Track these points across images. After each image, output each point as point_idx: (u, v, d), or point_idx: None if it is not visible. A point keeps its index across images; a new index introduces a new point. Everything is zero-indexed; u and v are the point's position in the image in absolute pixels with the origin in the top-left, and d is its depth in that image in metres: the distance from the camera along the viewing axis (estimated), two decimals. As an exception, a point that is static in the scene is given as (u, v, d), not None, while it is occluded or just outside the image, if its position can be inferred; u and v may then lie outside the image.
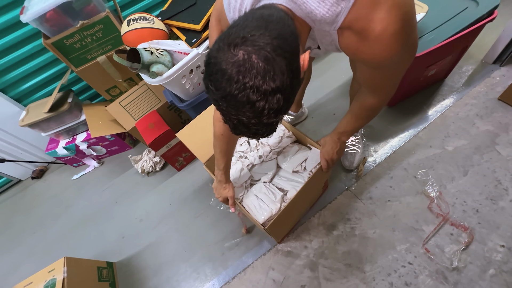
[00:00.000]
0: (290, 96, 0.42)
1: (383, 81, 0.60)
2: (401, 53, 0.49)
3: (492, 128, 1.20)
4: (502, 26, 1.27)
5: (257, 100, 0.38)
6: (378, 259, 1.01)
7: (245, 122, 0.42)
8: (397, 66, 0.55)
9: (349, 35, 0.48)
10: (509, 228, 0.96)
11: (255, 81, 0.37)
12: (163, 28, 1.15)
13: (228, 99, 0.39)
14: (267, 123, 0.42)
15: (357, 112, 0.73)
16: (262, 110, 0.39)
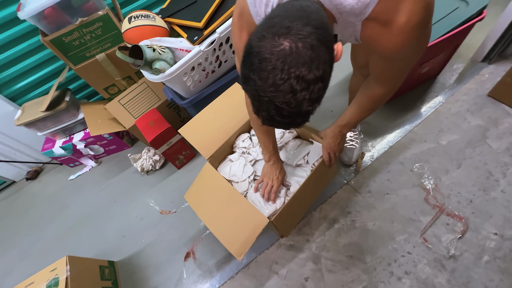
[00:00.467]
0: (327, 84, 0.43)
1: (395, 72, 0.62)
2: (418, 44, 0.51)
3: (482, 123, 1.25)
4: (490, 26, 1.33)
5: (300, 89, 0.39)
6: (379, 250, 1.04)
7: (283, 112, 0.42)
8: (411, 58, 0.57)
9: (373, 26, 0.49)
10: (501, 217, 1.01)
11: (301, 70, 0.38)
12: (164, 25, 1.15)
13: (271, 89, 0.39)
14: (305, 112, 0.43)
15: (364, 103, 0.74)
16: (303, 99, 0.40)
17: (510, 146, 1.16)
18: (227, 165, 1.06)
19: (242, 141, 1.11)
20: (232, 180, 1.01)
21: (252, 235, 0.82)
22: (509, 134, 1.19)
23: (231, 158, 1.08)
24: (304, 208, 1.05)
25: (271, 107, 0.42)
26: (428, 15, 0.47)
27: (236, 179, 0.99)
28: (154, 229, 1.33)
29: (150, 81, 1.48)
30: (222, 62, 1.25)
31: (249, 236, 0.83)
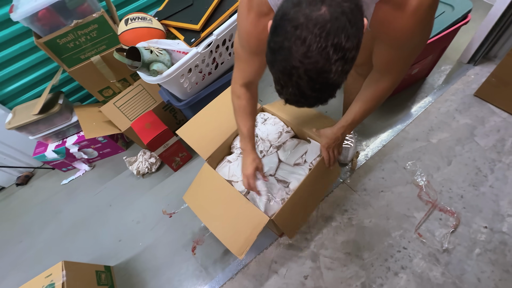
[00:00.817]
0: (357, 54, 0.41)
1: (401, 62, 0.63)
2: (424, 32, 0.53)
3: (470, 122, 1.31)
4: (474, 29, 1.40)
5: (336, 59, 0.37)
6: (375, 246, 1.06)
7: (314, 85, 0.39)
8: (417, 45, 0.58)
9: (387, 9, 0.50)
10: (490, 211, 1.05)
11: (340, 37, 0.36)
12: (160, 27, 1.16)
13: (306, 57, 0.37)
14: (335, 84, 0.41)
15: (369, 99, 0.73)
16: (337, 70, 0.38)
17: (496, 143, 1.21)
18: (225, 166, 1.07)
19: (240, 142, 1.12)
20: (232, 180, 1.02)
21: (253, 233, 0.83)
22: (495, 131, 1.25)
23: (229, 158, 1.09)
24: (307, 209, 1.04)
25: (302, 80, 0.39)
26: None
27: (236, 179, 1.00)
28: (151, 232, 1.31)
29: (145, 83, 1.48)
30: (219, 64, 1.26)
31: (250, 235, 0.84)
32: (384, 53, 0.63)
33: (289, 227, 0.95)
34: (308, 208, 1.04)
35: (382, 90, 0.70)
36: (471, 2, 1.20)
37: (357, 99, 0.78)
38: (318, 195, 1.05)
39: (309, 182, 0.90)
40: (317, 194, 1.05)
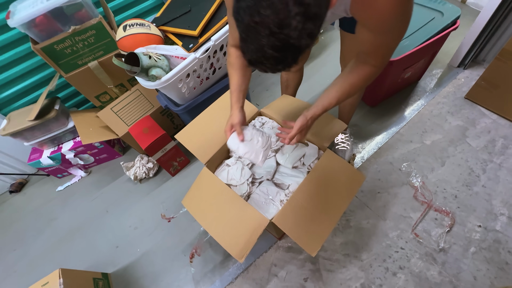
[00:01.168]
0: (321, 24, 0.41)
1: (383, 47, 0.63)
2: (404, 14, 0.54)
3: (462, 123, 1.34)
4: (463, 35, 1.45)
5: (296, 13, 0.38)
6: (373, 247, 1.08)
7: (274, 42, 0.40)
8: (397, 31, 0.59)
9: None
10: (484, 210, 1.08)
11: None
12: (158, 33, 1.17)
13: (266, 9, 0.38)
14: (296, 45, 0.41)
15: (354, 81, 0.70)
16: (297, 27, 0.39)
17: (487, 144, 1.25)
18: (224, 170, 1.07)
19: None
20: (231, 184, 1.02)
21: (253, 236, 0.83)
22: (486, 133, 1.29)
23: (227, 162, 1.09)
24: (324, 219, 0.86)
25: (262, 35, 0.40)
26: None
27: (235, 183, 1.00)
28: (149, 238, 1.30)
29: (143, 88, 1.49)
30: (216, 69, 1.28)
31: (250, 238, 0.84)
32: (366, 37, 0.63)
33: (303, 238, 0.83)
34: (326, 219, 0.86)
35: (368, 74, 0.69)
36: (459, 9, 1.25)
37: (342, 81, 0.73)
38: (334, 205, 0.89)
39: (311, 184, 0.91)
40: (333, 203, 0.90)
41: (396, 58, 1.15)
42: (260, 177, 1.03)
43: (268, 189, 0.97)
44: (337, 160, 0.95)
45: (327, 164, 0.94)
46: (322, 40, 2.03)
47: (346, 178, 0.93)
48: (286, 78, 1.26)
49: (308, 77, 1.76)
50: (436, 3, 1.31)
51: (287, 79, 1.26)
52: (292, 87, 1.29)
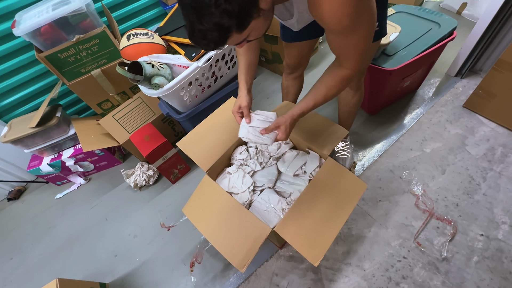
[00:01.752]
0: (241, 6, 0.48)
1: (350, 49, 0.64)
2: (358, 14, 0.54)
3: (461, 132, 1.36)
4: (459, 45, 1.48)
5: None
6: (376, 256, 1.07)
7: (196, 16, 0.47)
8: (358, 32, 0.60)
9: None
10: (485, 218, 1.08)
11: None
12: (161, 43, 1.19)
13: None
14: (216, 23, 0.48)
15: (331, 84, 0.72)
16: (210, 2, 0.45)
17: (487, 152, 1.26)
18: (225, 178, 1.07)
19: (239, 153, 1.13)
20: (232, 192, 1.02)
21: (255, 245, 0.83)
22: (485, 141, 1.30)
23: (229, 170, 1.09)
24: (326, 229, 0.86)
25: (187, 9, 0.48)
26: None
27: (236, 191, 1.00)
28: (148, 247, 1.29)
29: (145, 96, 1.50)
30: (218, 77, 1.30)
31: (251, 247, 0.83)
32: (332, 40, 0.65)
33: (305, 247, 0.82)
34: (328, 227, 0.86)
35: (343, 77, 0.70)
36: (455, 20, 1.28)
37: (319, 83, 0.75)
38: (336, 213, 0.89)
39: (313, 193, 0.91)
40: (335, 211, 0.89)
41: (395, 67, 1.17)
42: (261, 185, 1.03)
43: (269, 197, 0.97)
44: (339, 168, 0.95)
45: (328, 173, 0.94)
46: (322, 50, 2.07)
47: (348, 187, 0.93)
48: (286, 85, 1.28)
49: (309, 85, 1.77)
50: (432, 15, 1.35)
51: (287, 86, 1.28)
52: (293, 93, 1.31)
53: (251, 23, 0.53)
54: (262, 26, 0.57)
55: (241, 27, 0.51)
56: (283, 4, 0.70)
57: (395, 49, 1.27)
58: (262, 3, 0.51)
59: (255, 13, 0.51)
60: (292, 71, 1.18)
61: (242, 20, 0.50)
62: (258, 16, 0.53)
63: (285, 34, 1.02)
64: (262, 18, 0.55)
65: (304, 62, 1.16)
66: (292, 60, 1.11)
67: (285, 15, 0.75)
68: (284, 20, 0.78)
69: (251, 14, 0.51)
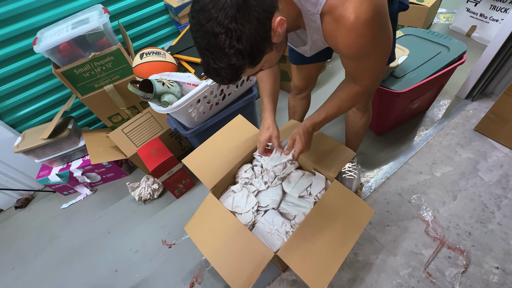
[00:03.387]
0: (254, 45, 0.49)
1: (365, 72, 0.65)
2: (375, 42, 0.55)
3: (472, 156, 1.32)
4: (470, 67, 1.47)
5: (220, 32, 0.45)
6: (383, 285, 1.02)
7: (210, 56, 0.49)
8: (374, 56, 0.60)
9: (330, 21, 0.54)
10: (501, 250, 1.02)
11: (219, 14, 0.44)
12: (173, 61, 1.23)
13: (198, 27, 0.47)
14: (230, 63, 0.49)
15: (344, 98, 0.73)
16: (224, 45, 0.46)
17: (500, 178, 1.21)
18: (229, 196, 1.06)
19: (244, 172, 1.12)
20: (236, 212, 1.00)
21: (257, 269, 0.80)
22: (498, 167, 1.25)
23: (233, 189, 1.08)
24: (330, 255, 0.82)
25: (202, 50, 0.50)
26: (377, 15, 0.51)
27: (240, 210, 0.99)
28: (149, 263, 1.27)
29: (154, 111, 1.53)
30: (226, 95, 1.32)
31: (253, 271, 0.81)
32: (347, 64, 0.65)
33: (309, 274, 0.79)
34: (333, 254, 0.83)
35: (356, 92, 0.71)
36: (465, 44, 1.28)
37: (332, 97, 0.76)
38: (342, 239, 0.85)
39: (318, 217, 0.88)
40: (340, 237, 0.85)
41: (403, 90, 1.17)
42: (265, 205, 1.02)
43: (273, 219, 0.95)
44: (345, 192, 0.93)
45: (334, 196, 0.92)
46: (330, 68, 2.09)
47: (354, 211, 0.91)
48: (293, 105, 1.28)
49: (316, 103, 1.78)
50: (442, 38, 1.35)
51: (294, 106, 1.28)
52: (300, 113, 1.31)
53: (263, 58, 0.54)
54: (275, 57, 0.59)
55: (253, 62, 0.53)
56: (295, 32, 0.72)
57: (404, 71, 1.27)
58: (275, 38, 0.52)
59: (268, 48, 0.53)
60: (299, 92, 1.19)
61: (254, 57, 0.52)
62: (271, 50, 0.54)
63: (293, 57, 1.04)
64: (275, 51, 0.56)
65: (312, 83, 1.17)
66: (300, 82, 1.13)
67: (297, 42, 0.76)
68: (296, 47, 0.79)
69: (263, 50, 0.52)
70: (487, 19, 1.86)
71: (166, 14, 1.71)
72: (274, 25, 0.50)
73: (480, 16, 1.89)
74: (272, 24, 0.50)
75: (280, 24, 0.50)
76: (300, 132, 0.79)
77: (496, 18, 1.81)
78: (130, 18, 1.59)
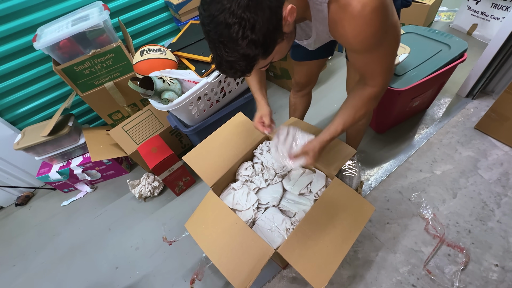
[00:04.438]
0: (266, 35, 0.48)
1: (375, 65, 0.63)
2: (383, 31, 0.54)
3: (472, 154, 1.32)
4: (470, 65, 1.46)
5: (233, 23, 0.45)
6: (383, 282, 1.02)
7: (225, 49, 0.48)
8: (383, 47, 0.59)
9: (337, 10, 0.53)
10: (500, 248, 1.03)
11: (232, 4, 0.44)
12: (173, 58, 1.23)
13: (210, 19, 0.46)
14: (243, 54, 0.49)
15: (358, 105, 0.70)
16: (237, 36, 0.46)
17: (500, 177, 1.21)
18: (230, 194, 1.06)
19: (245, 169, 1.13)
20: (236, 209, 1.00)
21: (257, 266, 0.80)
22: (498, 165, 1.25)
23: (233, 186, 1.09)
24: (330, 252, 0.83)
25: (214, 43, 0.49)
26: (384, 4, 0.50)
27: (240, 208, 0.99)
28: (150, 260, 1.27)
29: (154, 108, 1.53)
30: (227, 92, 1.31)
31: (253, 268, 0.81)
32: (355, 59, 0.64)
33: (309, 271, 0.80)
34: (334, 251, 0.83)
35: (370, 95, 0.69)
36: (466, 43, 1.27)
37: (345, 105, 0.73)
38: (342, 236, 0.85)
39: (318, 214, 0.89)
40: (341, 234, 0.85)
41: (404, 88, 1.17)
42: (266, 202, 1.02)
43: (274, 216, 0.95)
44: (346, 189, 0.93)
45: (335, 193, 0.92)
46: (330, 66, 2.09)
47: (355, 209, 0.91)
48: (294, 102, 1.28)
49: (316, 101, 1.79)
50: (442, 36, 1.35)
51: (295, 103, 1.28)
52: (300, 110, 1.31)
53: (275, 48, 0.54)
54: (285, 48, 0.58)
55: (266, 53, 0.52)
56: (299, 25, 0.71)
57: (404, 69, 1.27)
58: (285, 27, 0.52)
59: (279, 38, 0.52)
60: (300, 89, 1.18)
61: (267, 47, 0.51)
62: (282, 40, 0.54)
63: (295, 53, 1.04)
64: (285, 41, 0.55)
65: (313, 80, 1.16)
66: (301, 79, 1.12)
67: (301, 35, 0.76)
68: (299, 40, 0.78)
69: (275, 40, 0.52)
70: (488, 17, 1.85)
71: (167, 11, 1.70)
72: (286, 14, 0.49)
73: (481, 14, 1.88)
74: (284, 12, 0.49)
75: (291, 13, 0.50)
76: (315, 149, 0.76)
77: (497, 16, 1.81)
78: (131, 15, 1.59)
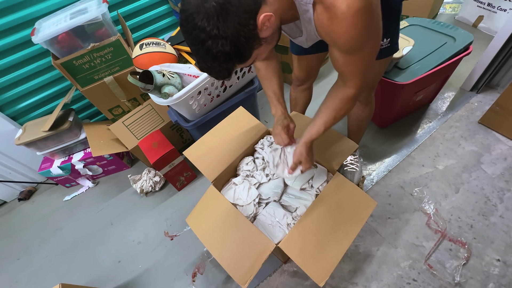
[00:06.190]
0: (238, 46, 0.50)
1: (354, 68, 0.64)
2: (366, 35, 0.54)
3: (476, 149, 1.31)
4: (475, 58, 1.44)
5: (205, 39, 0.48)
6: (384, 276, 1.03)
7: (202, 58, 0.52)
8: (364, 51, 0.59)
9: (321, 11, 0.54)
10: (502, 243, 1.02)
11: (201, 22, 0.47)
12: (173, 52, 1.21)
13: (187, 35, 0.50)
14: (219, 63, 0.52)
15: (337, 106, 0.72)
16: (211, 50, 0.49)
17: (504, 171, 1.20)
18: (231, 188, 1.06)
19: (246, 164, 1.12)
20: (237, 204, 1.00)
21: (258, 261, 0.81)
22: (502, 160, 1.24)
23: (234, 181, 1.08)
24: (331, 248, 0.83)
25: (195, 53, 0.53)
26: (368, 6, 0.50)
27: (241, 203, 0.99)
28: (152, 254, 1.28)
29: (154, 103, 1.52)
30: (227, 87, 1.30)
31: (254, 263, 0.81)
32: (336, 57, 0.64)
33: (310, 266, 0.80)
34: (335, 246, 0.83)
35: (348, 97, 0.70)
36: (472, 35, 1.24)
37: (324, 107, 0.76)
38: (343, 231, 0.85)
39: (320, 209, 0.88)
40: (342, 229, 0.85)
41: (407, 82, 1.15)
42: (267, 197, 1.01)
43: (275, 211, 0.95)
44: (347, 184, 0.92)
45: (336, 188, 0.92)
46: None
47: (356, 204, 0.90)
48: (294, 96, 1.27)
49: (318, 96, 1.76)
50: (447, 29, 1.32)
51: (296, 97, 1.27)
52: (301, 105, 1.29)
53: (254, 53, 0.55)
54: (266, 50, 0.59)
55: (242, 60, 0.54)
56: (294, 22, 0.70)
57: (408, 62, 1.24)
58: (263, 33, 0.52)
59: (256, 44, 0.53)
60: (301, 83, 1.17)
61: (241, 56, 0.53)
62: (260, 45, 0.54)
63: (294, 47, 1.02)
64: (265, 45, 0.56)
65: (314, 74, 1.15)
66: (302, 73, 1.11)
67: (295, 32, 0.75)
68: (294, 38, 0.77)
69: (251, 47, 0.53)
70: (495, 9, 1.81)
71: (166, 4, 1.67)
72: (259, 22, 0.50)
73: (488, 5, 1.84)
74: (257, 21, 0.50)
75: (266, 20, 0.51)
76: (303, 155, 0.81)
77: (504, 8, 1.76)
78: (130, 8, 1.56)
